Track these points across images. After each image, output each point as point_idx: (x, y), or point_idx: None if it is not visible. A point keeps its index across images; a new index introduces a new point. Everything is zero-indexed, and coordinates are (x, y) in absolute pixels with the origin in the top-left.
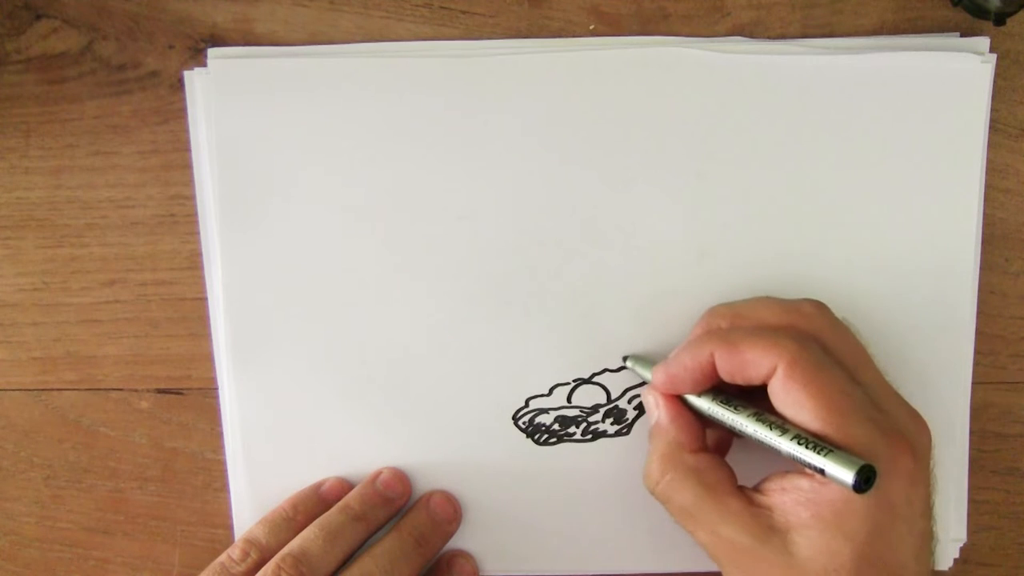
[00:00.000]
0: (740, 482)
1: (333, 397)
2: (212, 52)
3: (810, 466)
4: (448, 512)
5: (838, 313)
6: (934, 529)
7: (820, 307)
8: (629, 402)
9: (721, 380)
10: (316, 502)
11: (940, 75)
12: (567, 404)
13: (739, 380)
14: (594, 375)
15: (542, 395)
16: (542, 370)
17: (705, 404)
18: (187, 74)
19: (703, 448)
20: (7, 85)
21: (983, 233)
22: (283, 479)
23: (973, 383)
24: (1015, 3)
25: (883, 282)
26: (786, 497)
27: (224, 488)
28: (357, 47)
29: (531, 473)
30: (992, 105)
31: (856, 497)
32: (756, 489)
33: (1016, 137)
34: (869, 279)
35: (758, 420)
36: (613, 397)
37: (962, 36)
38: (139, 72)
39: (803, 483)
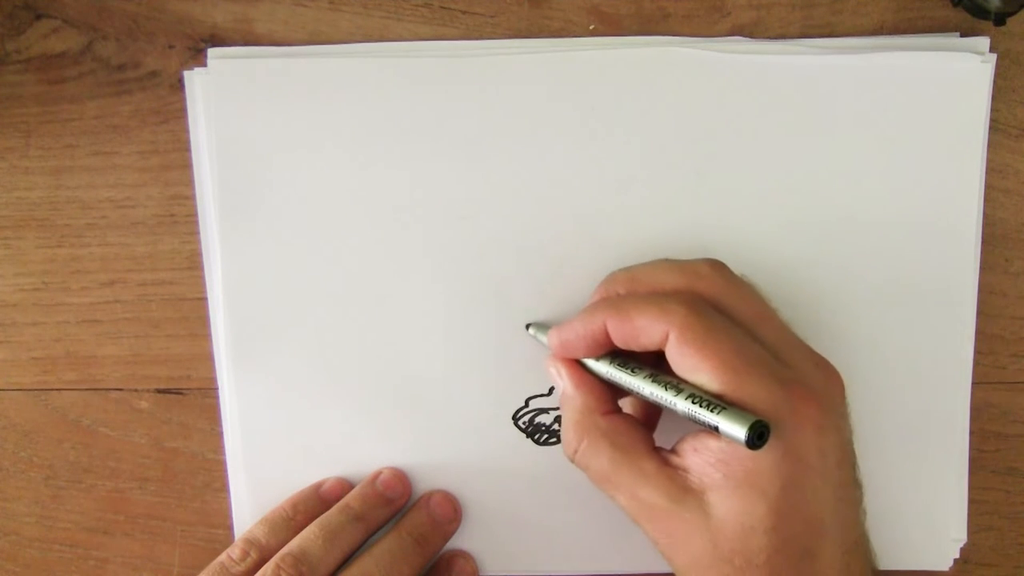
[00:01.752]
0: (663, 444)
1: (333, 397)
2: (212, 52)
3: (705, 424)
4: (448, 512)
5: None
6: (857, 476)
7: (717, 266)
8: None
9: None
10: (316, 502)
11: (940, 75)
12: None
13: (634, 347)
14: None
15: (542, 395)
16: (542, 370)
17: (603, 368)
18: (187, 74)
19: (614, 410)
20: (7, 85)
21: (983, 233)
22: (283, 479)
23: (973, 383)
24: (1015, 3)
25: (883, 282)
26: (698, 458)
27: (224, 488)
28: (357, 47)
29: (531, 473)
30: (992, 105)
31: (764, 453)
32: (672, 451)
33: (1016, 137)
34: (869, 279)
35: (654, 381)
36: None
37: (962, 36)
38: (139, 72)
39: (712, 443)
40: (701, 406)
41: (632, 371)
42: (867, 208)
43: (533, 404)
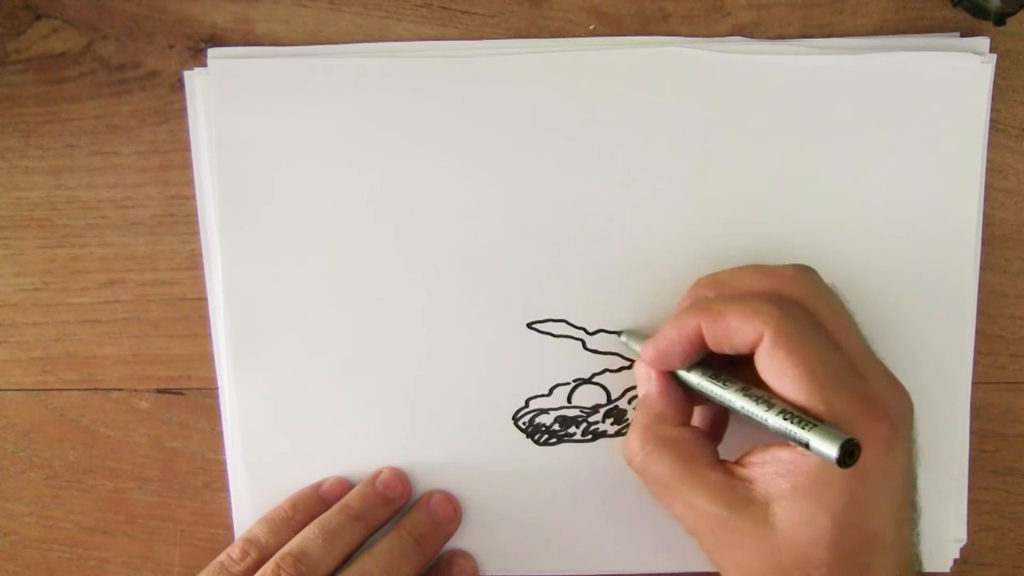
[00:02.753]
0: (723, 457)
1: (333, 397)
2: (212, 52)
3: (796, 440)
4: (448, 512)
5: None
6: (916, 499)
7: (805, 271)
8: (629, 402)
9: (710, 355)
10: (316, 502)
11: (940, 75)
12: (567, 404)
13: (726, 349)
14: (594, 375)
15: (542, 395)
16: (542, 370)
17: (695, 379)
18: (187, 74)
19: (685, 423)
20: (7, 85)
21: (983, 233)
22: (283, 479)
23: (973, 383)
24: (1015, 3)
25: (883, 282)
26: (766, 469)
27: (224, 488)
28: (357, 47)
29: (531, 473)
30: (992, 105)
31: (833, 467)
32: (737, 463)
33: (1016, 137)
34: (869, 279)
35: (745, 395)
36: (613, 397)
37: (962, 36)
38: (139, 72)
39: (783, 454)
40: (793, 422)
41: (724, 383)
42: (867, 208)
43: (533, 404)
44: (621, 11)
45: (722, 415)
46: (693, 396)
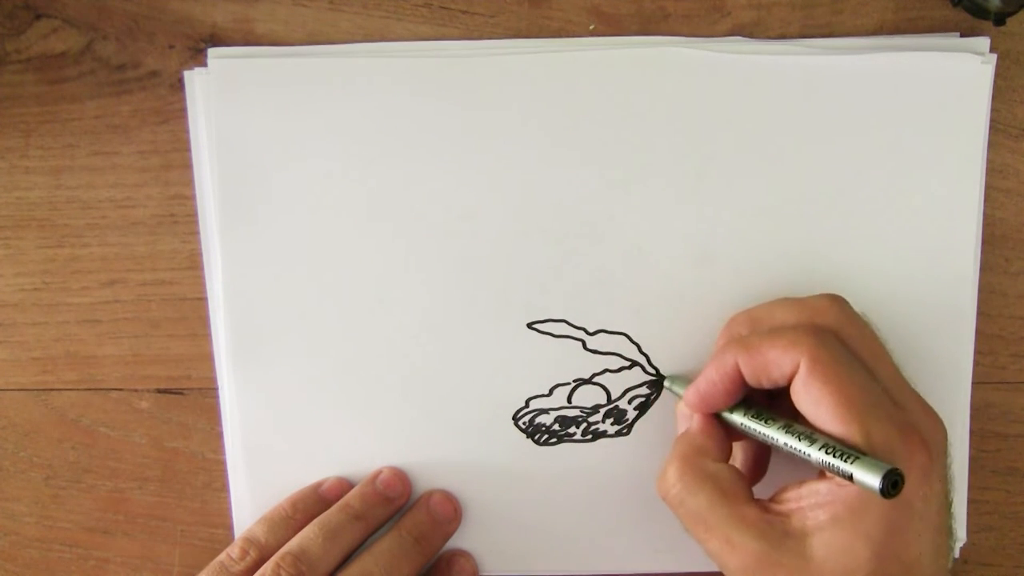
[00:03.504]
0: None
1: (333, 397)
2: (212, 52)
3: (839, 472)
4: (448, 511)
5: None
6: (952, 526)
7: (838, 301)
8: (629, 402)
9: (751, 392)
10: (316, 501)
11: (940, 75)
12: (567, 404)
13: (764, 383)
14: (594, 375)
15: (542, 395)
16: (542, 370)
17: (737, 419)
18: (187, 74)
19: (724, 460)
20: (7, 85)
21: (983, 233)
22: (283, 479)
23: (973, 383)
24: (1015, 3)
25: (883, 282)
26: (803, 503)
27: (224, 488)
28: (357, 47)
29: (531, 473)
30: (992, 105)
31: (872, 496)
32: (772, 499)
33: (1016, 137)
34: (869, 279)
35: (788, 431)
36: (613, 397)
37: (962, 36)
38: (139, 72)
39: (820, 487)
40: (836, 456)
41: (766, 422)
42: (867, 208)
43: (533, 404)
44: (621, 11)
45: (761, 454)
46: (733, 434)
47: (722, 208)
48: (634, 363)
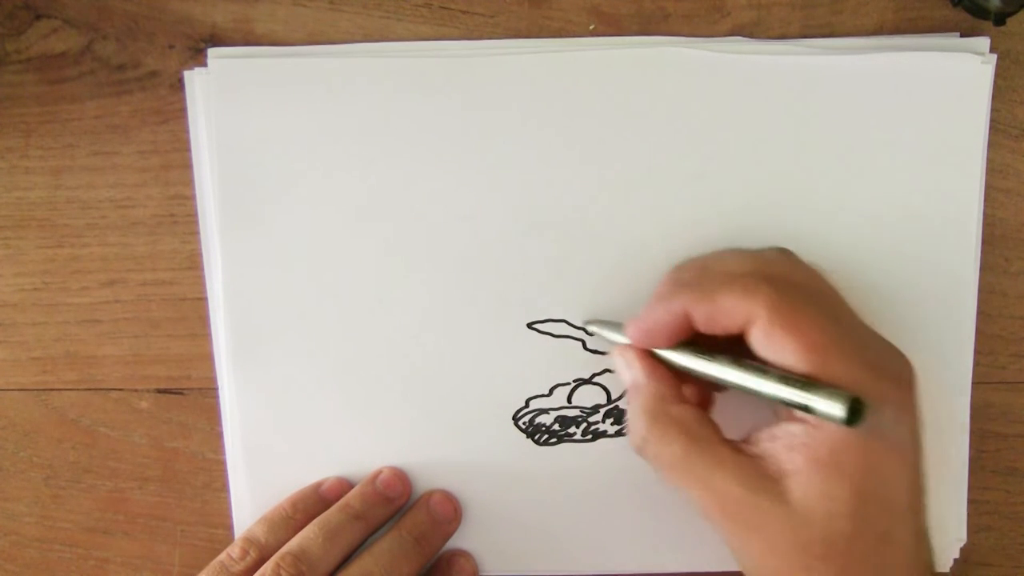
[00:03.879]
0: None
1: (333, 397)
2: (212, 52)
3: (796, 405)
4: (448, 511)
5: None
6: (923, 466)
7: (787, 253)
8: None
9: (694, 334)
10: (316, 501)
11: (940, 75)
12: (567, 404)
13: (716, 330)
14: (594, 375)
15: (542, 395)
16: (542, 370)
17: (681, 357)
18: (187, 74)
19: (684, 400)
20: (7, 85)
21: (983, 233)
22: (283, 479)
23: (973, 383)
24: (1015, 3)
25: (883, 282)
26: (777, 444)
27: (224, 488)
28: (357, 47)
29: (531, 473)
30: (992, 105)
31: (850, 435)
32: (745, 441)
33: (1016, 137)
34: (869, 278)
35: (738, 366)
36: (613, 397)
37: (962, 36)
38: (139, 72)
39: (794, 428)
40: (793, 386)
41: (713, 357)
42: (867, 208)
43: (533, 404)
44: (621, 11)
45: (707, 392)
46: (680, 377)
47: (722, 208)
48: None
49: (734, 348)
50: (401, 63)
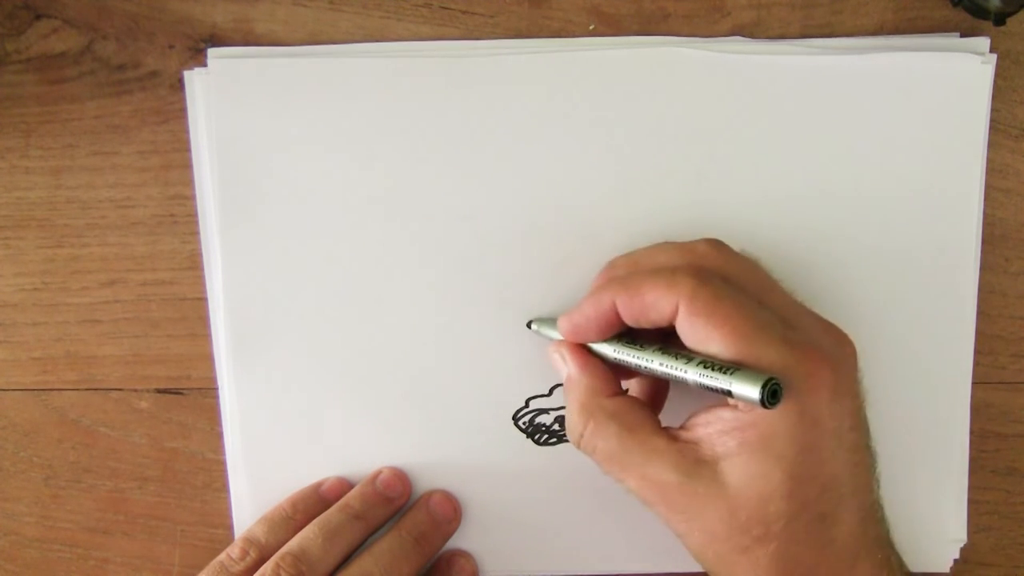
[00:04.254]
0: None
1: (333, 397)
2: (212, 52)
3: (717, 390)
4: (448, 511)
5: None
6: (870, 444)
7: (717, 244)
8: None
9: (628, 327)
10: (316, 501)
11: (940, 75)
12: None
13: (644, 324)
14: None
15: (542, 395)
16: (542, 370)
17: (610, 349)
18: (187, 74)
19: (620, 392)
20: (7, 85)
21: (983, 233)
22: (283, 479)
23: (973, 383)
24: (1015, 3)
25: (883, 282)
26: (711, 429)
27: (224, 488)
28: (357, 47)
29: (531, 473)
30: (992, 105)
31: (781, 418)
32: (680, 428)
33: (1016, 137)
34: (869, 279)
35: (663, 354)
36: None
37: (962, 36)
38: (139, 72)
39: (725, 413)
40: (713, 370)
41: (640, 347)
42: (867, 208)
43: (533, 404)
44: (621, 11)
45: (659, 386)
46: (618, 370)
47: (721, 208)
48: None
49: (670, 341)
50: (401, 63)
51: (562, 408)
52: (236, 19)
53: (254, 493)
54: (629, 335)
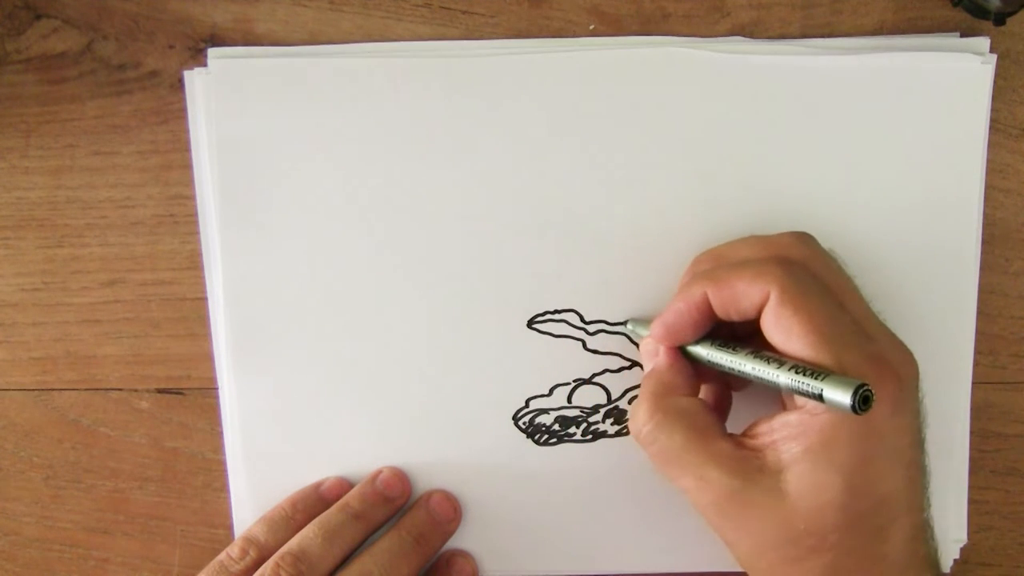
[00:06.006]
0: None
1: (333, 397)
2: (212, 52)
3: (809, 393)
4: (448, 511)
5: None
6: (925, 462)
7: (804, 237)
8: (629, 402)
9: (718, 327)
10: (315, 501)
11: (940, 75)
12: (567, 404)
13: (733, 315)
14: (594, 375)
15: (542, 395)
16: (542, 370)
17: (703, 351)
18: (187, 74)
19: (694, 395)
20: (7, 85)
21: (983, 233)
22: (283, 479)
23: (973, 383)
24: (1015, 3)
25: (883, 282)
26: (776, 436)
27: (224, 488)
28: (357, 47)
29: (531, 473)
30: (992, 105)
31: (843, 425)
32: (744, 435)
33: (1016, 137)
34: (869, 279)
35: (756, 357)
36: (613, 397)
37: (962, 36)
38: (139, 72)
39: (791, 418)
40: (805, 375)
41: (733, 349)
42: (867, 208)
43: (533, 404)
44: (621, 11)
45: (726, 393)
46: (700, 371)
47: (722, 207)
48: (634, 363)
49: (755, 343)
50: (401, 63)
51: (562, 407)
52: (236, 19)
53: (254, 493)
54: (721, 338)
